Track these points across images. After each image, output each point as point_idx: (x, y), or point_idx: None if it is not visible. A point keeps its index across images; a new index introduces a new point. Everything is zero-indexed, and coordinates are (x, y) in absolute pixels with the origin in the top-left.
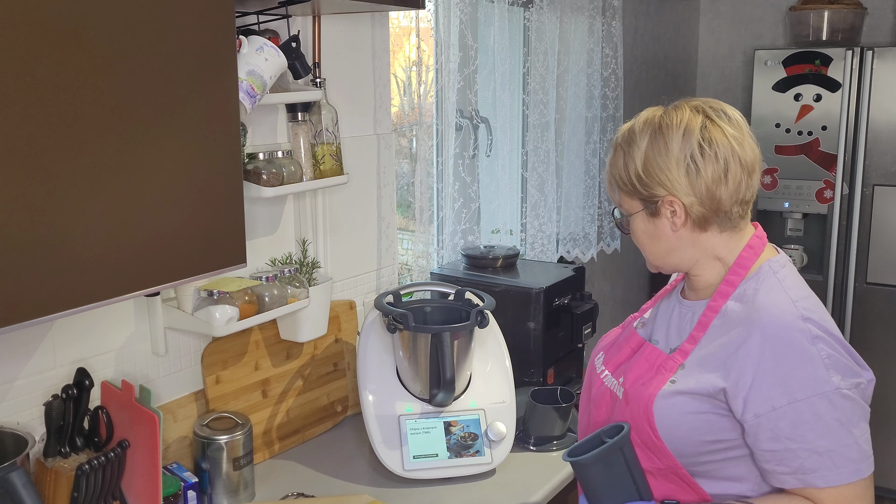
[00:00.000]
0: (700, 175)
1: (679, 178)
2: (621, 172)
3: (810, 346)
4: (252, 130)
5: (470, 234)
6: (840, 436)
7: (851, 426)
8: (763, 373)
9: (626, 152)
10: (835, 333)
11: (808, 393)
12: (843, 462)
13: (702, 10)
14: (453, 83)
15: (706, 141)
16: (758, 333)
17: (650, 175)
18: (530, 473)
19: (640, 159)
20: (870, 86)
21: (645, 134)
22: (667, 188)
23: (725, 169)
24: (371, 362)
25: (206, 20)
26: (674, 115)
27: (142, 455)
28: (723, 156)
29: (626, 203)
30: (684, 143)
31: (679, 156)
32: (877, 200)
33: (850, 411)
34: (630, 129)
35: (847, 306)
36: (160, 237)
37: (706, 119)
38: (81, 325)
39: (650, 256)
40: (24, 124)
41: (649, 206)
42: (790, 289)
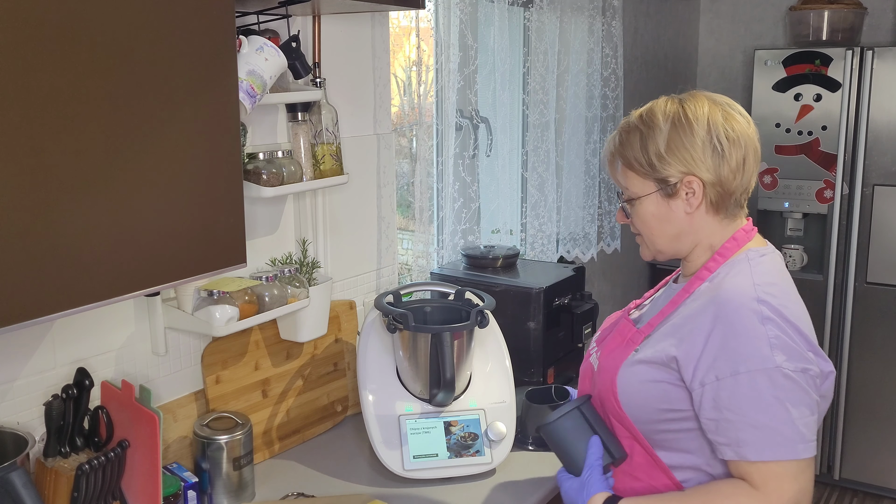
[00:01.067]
0: (724, 158)
1: (705, 158)
2: (638, 153)
3: (759, 324)
4: (252, 130)
5: (470, 234)
6: (777, 412)
7: (790, 405)
8: (712, 344)
9: (644, 133)
10: (791, 320)
11: (750, 367)
12: (779, 439)
13: (702, 10)
14: (453, 83)
15: (731, 127)
16: (713, 308)
17: (673, 154)
18: (530, 473)
19: (664, 139)
20: (870, 86)
21: (668, 117)
22: (689, 167)
23: (745, 156)
24: (371, 362)
25: (206, 20)
26: (695, 103)
27: (142, 455)
28: (744, 143)
29: (636, 185)
30: (711, 126)
31: (706, 137)
32: (877, 200)
33: (790, 391)
34: (649, 111)
35: (847, 306)
36: (160, 237)
37: (723, 109)
38: (81, 325)
39: (657, 240)
40: (23, 124)
41: (666, 186)
42: (757, 273)
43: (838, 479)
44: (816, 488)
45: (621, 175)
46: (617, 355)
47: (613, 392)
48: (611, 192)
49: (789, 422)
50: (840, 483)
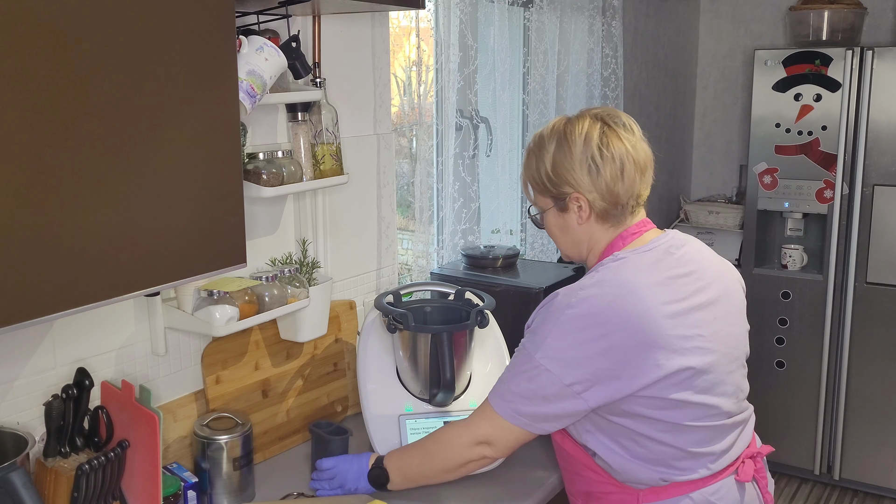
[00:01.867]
0: (600, 174)
1: (583, 178)
2: (534, 173)
3: (557, 317)
4: (252, 130)
5: (470, 234)
6: (514, 383)
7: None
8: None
9: (537, 156)
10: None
11: (527, 346)
12: (502, 395)
13: (702, 10)
14: (453, 83)
15: (604, 145)
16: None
17: (558, 175)
18: (530, 473)
19: (549, 162)
20: (870, 86)
21: (552, 140)
22: (573, 186)
23: (622, 168)
24: (371, 362)
25: (206, 20)
26: (576, 123)
27: (142, 455)
28: (619, 157)
29: (539, 200)
30: (585, 147)
31: (581, 158)
32: (877, 200)
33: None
34: (540, 135)
35: (847, 306)
36: (160, 237)
37: (604, 125)
38: (81, 325)
39: (561, 247)
40: (23, 124)
41: (559, 202)
42: (591, 281)
43: (838, 479)
44: (816, 488)
45: (527, 191)
46: None
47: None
48: None
49: (519, 396)
50: (840, 483)
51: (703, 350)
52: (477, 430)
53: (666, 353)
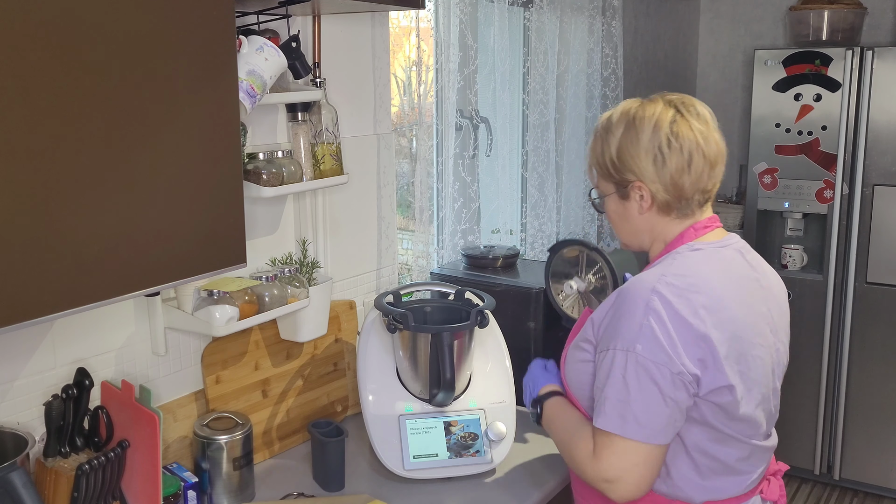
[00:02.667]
0: (665, 165)
1: (647, 167)
2: (599, 157)
3: (644, 312)
4: (252, 130)
5: (470, 234)
6: (619, 390)
7: (633, 388)
8: (605, 322)
9: (603, 139)
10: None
11: (618, 346)
12: (613, 414)
13: (702, 10)
14: (453, 83)
15: (673, 134)
16: (617, 295)
17: (623, 162)
18: (530, 473)
19: (615, 147)
20: (870, 86)
21: (620, 124)
22: (636, 174)
23: (689, 160)
24: (371, 362)
25: (206, 20)
26: (648, 108)
27: (142, 455)
28: (687, 149)
29: (601, 185)
30: (654, 135)
31: (648, 146)
32: (877, 200)
33: (636, 376)
34: (608, 118)
35: (847, 306)
36: (160, 237)
37: (676, 114)
38: (81, 325)
39: (620, 235)
40: (23, 124)
41: (621, 189)
42: (671, 265)
43: (838, 479)
44: (816, 488)
45: (589, 174)
46: (569, 340)
47: (562, 377)
48: None
49: (626, 401)
50: (840, 483)
51: (763, 361)
52: (600, 467)
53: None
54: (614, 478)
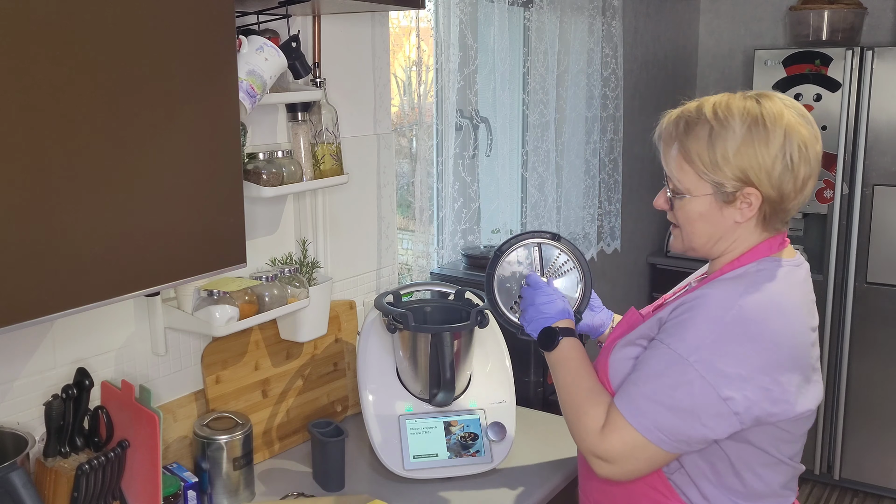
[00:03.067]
0: (793, 174)
1: (773, 172)
2: (703, 150)
3: (716, 320)
4: (252, 130)
5: (470, 233)
6: (650, 387)
7: (670, 390)
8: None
9: (714, 129)
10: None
11: (672, 346)
12: (643, 409)
13: (702, 10)
14: (453, 83)
15: (804, 143)
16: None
17: (741, 161)
18: (530, 473)
19: (736, 142)
20: (870, 86)
21: (745, 121)
22: (753, 180)
23: (810, 175)
24: (371, 362)
25: (206, 20)
26: (771, 108)
27: (142, 455)
28: (813, 160)
29: (690, 181)
30: (787, 140)
31: (779, 152)
32: (877, 200)
33: (675, 382)
34: (726, 107)
35: (847, 306)
36: (160, 237)
37: (799, 118)
38: (81, 325)
39: (695, 239)
40: (23, 124)
41: (723, 192)
42: (757, 281)
43: (838, 479)
44: (816, 488)
45: (675, 165)
46: (616, 339)
47: (605, 372)
48: (611, 192)
49: (659, 403)
50: (840, 483)
51: (817, 386)
52: (601, 445)
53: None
54: (610, 459)
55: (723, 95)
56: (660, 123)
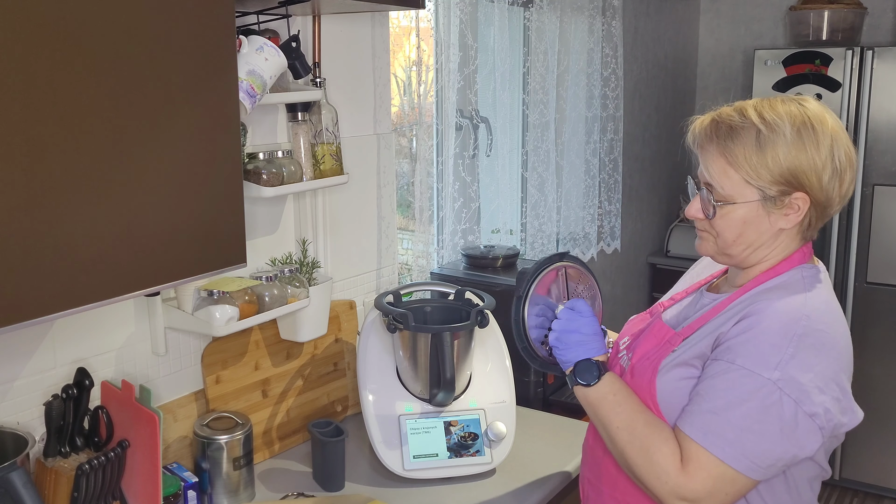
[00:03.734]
0: (840, 179)
1: (822, 176)
2: (752, 155)
3: (789, 335)
4: (252, 130)
5: (470, 233)
6: (741, 417)
7: (759, 414)
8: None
9: (764, 135)
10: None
11: (747, 365)
12: (727, 438)
13: (702, 10)
14: (453, 83)
15: (849, 147)
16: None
17: (792, 166)
18: (530, 473)
19: (785, 147)
20: (870, 86)
21: (794, 124)
22: (805, 185)
23: (853, 178)
24: (371, 362)
25: (206, 20)
26: (815, 111)
27: (142, 455)
28: (855, 165)
29: (735, 187)
30: (835, 143)
31: (828, 155)
32: (877, 200)
33: (761, 405)
34: (772, 110)
35: (847, 306)
36: (160, 237)
37: (838, 122)
38: (81, 325)
39: (732, 246)
40: (23, 124)
41: (770, 198)
42: (810, 292)
43: (838, 479)
44: None
45: (719, 170)
46: (653, 357)
47: (652, 395)
48: (611, 192)
49: (745, 429)
50: (840, 483)
51: None
52: (688, 485)
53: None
54: (698, 499)
55: (761, 100)
56: (691, 129)
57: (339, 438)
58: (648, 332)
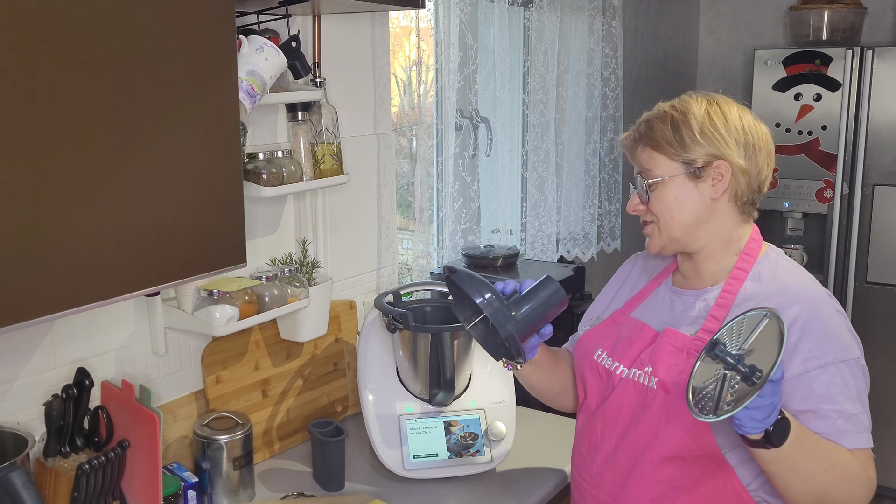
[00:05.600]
0: (755, 146)
1: (738, 142)
2: (669, 135)
3: (837, 316)
4: (252, 130)
5: (470, 233)
6: (860, 402)
7: (864, 396)
8: (799, 338)
9: (676, 118)
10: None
11: (839, 357)
12: (862, 428)
13: (702, 10)
14: (453, 83)
15: (756, 126)
16: (797, 306)
17: (707, 137)
18: (530, 473)
19: (698, 124)
20: (870, 85)
21: (702, 104)
22: (721, 151)
23: (770, 150)
24: (371, 362)
25: (206, 20)
26: (725, 101)
27: (142, 455)
28: (765, 144)
29: (662, 166)
30: (742, 115)
31: (738, 126)
32: (877, 200)
33: (864, 381)
34: (681, 101)
35: (847, 306)
36: (160, 237)
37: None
38: (81, 325)
39: (673, 228)
40: (23, 124)
41: (694, 169)
42: (803, 270)
43: None
44: None
45: (645, 158)
46: (686, 369)
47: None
48: (611, 192)
49: (865, 412)
50: None
51: None
52: (873, 486)
53: None
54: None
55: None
56: (621, 144)
57: (339, 438)
58: (661, 344)
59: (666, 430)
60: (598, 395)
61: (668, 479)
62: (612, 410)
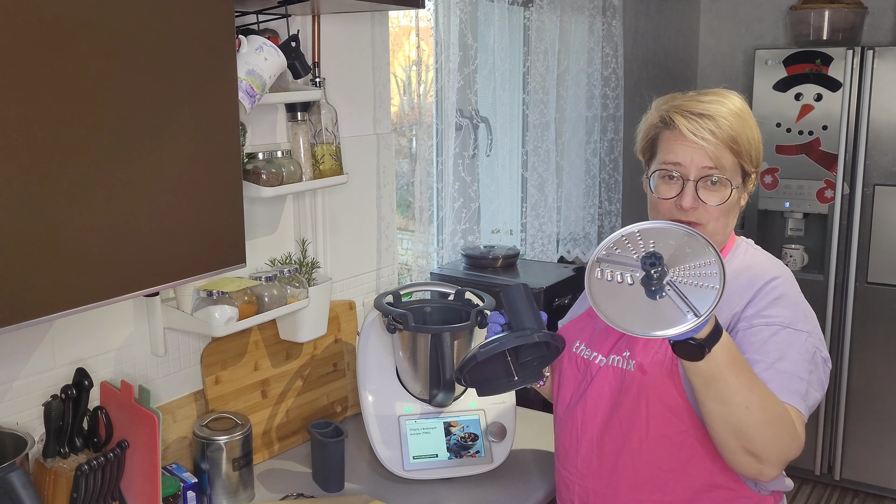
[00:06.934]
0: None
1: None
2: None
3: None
4: (252, 130)
5: (470, 234)
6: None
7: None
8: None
9: (750, 125)
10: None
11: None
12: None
13: (702, 10)
14: (453, 83)
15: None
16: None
17: (759, 151)
18: (530, 473)
19: (757, 134)
20: (870, 85)
21: (749, 113)
22: (758, 164)
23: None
24: (371, 362)
25: (206, 20)
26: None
27: (141, 455)
28: None
29: (735, 172)
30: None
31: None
32: (877, 200)
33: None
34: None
35: (847, 306)
36: (160, 237)
37: None
38: (81, 325)
39: (719, 230)
40: (23, 124)
41: (746, 178)
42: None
43: (839, 479)
44: (816, 488)
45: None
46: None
47: (677, 386)
48: (611, 192)
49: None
50: (840, 483)
51: None
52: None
53: None
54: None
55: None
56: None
57: (338, 439)
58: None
59: (647, 409)
60: (575, 386)
61: (657, 461)
62: (592, 399)
